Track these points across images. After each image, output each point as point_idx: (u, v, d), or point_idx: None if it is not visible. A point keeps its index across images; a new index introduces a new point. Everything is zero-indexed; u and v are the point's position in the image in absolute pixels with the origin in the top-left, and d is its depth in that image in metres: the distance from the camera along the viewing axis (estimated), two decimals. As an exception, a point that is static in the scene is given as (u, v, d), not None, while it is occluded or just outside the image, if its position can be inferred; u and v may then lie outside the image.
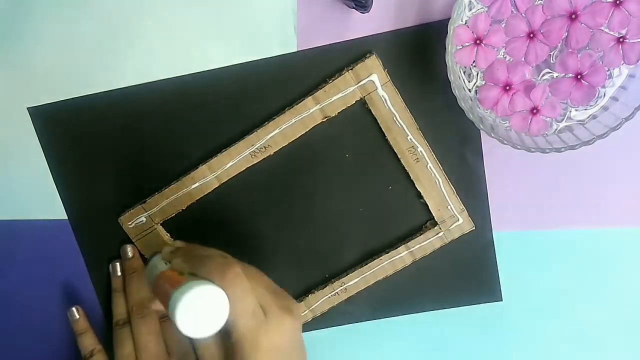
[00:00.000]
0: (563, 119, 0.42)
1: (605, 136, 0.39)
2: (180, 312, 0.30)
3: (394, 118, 0.43)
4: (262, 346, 0.33)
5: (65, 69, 0.44)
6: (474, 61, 0.40)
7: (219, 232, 0.47)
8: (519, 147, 0.40)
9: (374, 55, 0.42)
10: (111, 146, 0.46)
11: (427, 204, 0.45)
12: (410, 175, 0.45)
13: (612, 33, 0.39)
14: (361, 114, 0.44)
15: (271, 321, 0.33)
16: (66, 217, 0.47)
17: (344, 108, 0.43)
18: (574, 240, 0.47)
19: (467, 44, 0.40)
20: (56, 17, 0.43)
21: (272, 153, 0.44)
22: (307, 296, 0.47)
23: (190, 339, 0.33)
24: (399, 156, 0.44)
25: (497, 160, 0.45)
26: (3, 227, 0.47)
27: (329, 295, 0.47)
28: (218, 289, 0.31)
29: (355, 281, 0.47)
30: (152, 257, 0.40)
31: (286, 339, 0.34)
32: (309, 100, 0.43)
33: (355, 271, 0.46)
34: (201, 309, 0.30)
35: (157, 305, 0.47)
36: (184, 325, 0.30)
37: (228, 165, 0.44)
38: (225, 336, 0.33)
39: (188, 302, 0.30)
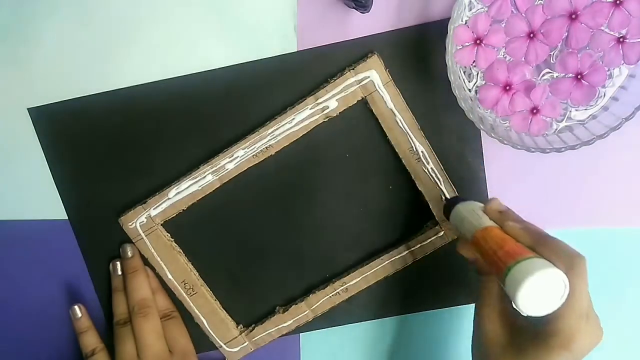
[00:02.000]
0: (563, 119, 0.42)
1: (606, 136, 0.39)
2: (522, 289, 0.29)
3: (395, 118, 0.43)
4: (572, 349, 0.32)
5: (66, 69, 0.44)
6: (474, 61, 0.40)
7: (220, 233, 0.47)
8: (519, 147, 0.40)
9: (375, 55, 0.42)
10: (111, 146, 0.46)
11: (427, 204, 0.45)
12: (411, 175, 0.45)
13: (612, 33, 0.39)
14: (362, 113, 0.44)
15: (590, 328, 0.32)
16: (66, 218, 0.47)
17: (345, 108, 0.43)
18: (573, 240, 0.46)
19: (467, 44, 0.40)
20: (56, 18, 0.43)
21: (273, 153, 0.44)
22: (308, 296, 0.47)
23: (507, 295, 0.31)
24: (400, 156, 0.44)
25: (497, 160, 0.45)
26: (3, 227, 0.47)
27: (330, 294, 0.47)
28: (565, 278, 0.30)
29: (356, 281, 0.47)
30: (462, 202, 0.39)
31: (588, 351, 0.33)
32: (310, 99, 0.43)
33: (356, 271, 0.46)
34: (539, 290, 0.30)
35: (158, 304, 0.47)
36: (522, 301, 0.29)
37: (229, 166, 0.44)
38: (540, 319, 0.32)
39: (532, 281, 0.29)
